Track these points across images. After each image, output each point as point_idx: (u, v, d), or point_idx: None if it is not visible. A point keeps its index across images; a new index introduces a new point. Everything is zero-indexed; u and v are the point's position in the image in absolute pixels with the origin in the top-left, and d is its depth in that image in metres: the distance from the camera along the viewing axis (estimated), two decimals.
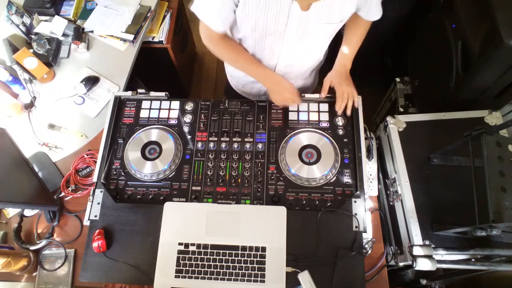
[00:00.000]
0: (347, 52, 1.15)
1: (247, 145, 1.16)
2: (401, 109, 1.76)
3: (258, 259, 1.00)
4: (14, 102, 1.47)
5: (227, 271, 1.00)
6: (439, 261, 0.95)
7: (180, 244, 1.03)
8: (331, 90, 1.19)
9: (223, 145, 1.16)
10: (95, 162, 1.20)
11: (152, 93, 1.27)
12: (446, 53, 1.38)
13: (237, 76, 1.34)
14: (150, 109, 1.24)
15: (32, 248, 1.16)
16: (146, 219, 1.07)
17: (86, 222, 1.08)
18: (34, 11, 1.66)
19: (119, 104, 1.25)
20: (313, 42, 1.07)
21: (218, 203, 1.09)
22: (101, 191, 1.11)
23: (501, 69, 1.18)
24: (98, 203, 1.10)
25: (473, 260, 1.04)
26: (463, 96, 1.34)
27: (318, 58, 1.20)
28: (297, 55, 1.11)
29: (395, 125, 1.23)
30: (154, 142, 1.17)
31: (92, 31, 1.65)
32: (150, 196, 1.11)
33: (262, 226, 1.03)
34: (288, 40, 1.03)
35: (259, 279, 0.99)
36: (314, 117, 1.19)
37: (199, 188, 1.12)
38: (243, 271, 1.00)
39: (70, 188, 1.25)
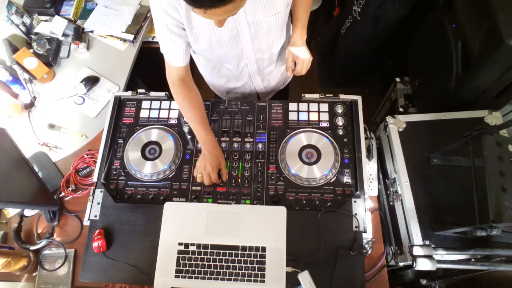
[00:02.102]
0: (298, 22, 1.11)
1: (247, 145, 1.16)
2: (401, 109, 1.76)
3: (258, 259, 1.00)
4: (14, 102, 1.47)
5: (227, 271, 1.00)
6: (439, 261, 0.95)
7: (180, 244, 1.03)
8: (332, 91, 1.18)
9: (223, 145, 1.16)
10: (95, 162, 1.20)
11: (152, 93, 1.27)
12: (446, 53, 1.38)
13: (218, 85, 1.35)
14: (150, 109, 1.24)
15: (32, 248, 1.16)
16: (146, 219, 1.07)
17: (86, 222, 1.08)
18: (34, 11, 1.66)
19: (119, 104, 1.25)
20: (270, 34, 1.06)
21: (218, 203, 1.09)
22: (101, 191, 1.11)
23: (501, 69, 1.18)
24: (98, 203, 1.10)
25: (473, 260, 1.04)
26: (463, 96, 1.34)
27: (283, 41, 1.19)
28: (262, 49, 1.11)
29: (395, 125, 1.23)
30: (154, 142, 1.17)
31: (92, 31, 1.65)
32: (150, 196, 1.11)
33: (262, 226, 1.03)
34: (245, 40, 1.04)
35: (259, 279, 0.99)
36: (314, 117, 1.19)
37: (199, 188, 1.12)
38: (243, 271, 1.00)
39: (70, 188, 1.25)
